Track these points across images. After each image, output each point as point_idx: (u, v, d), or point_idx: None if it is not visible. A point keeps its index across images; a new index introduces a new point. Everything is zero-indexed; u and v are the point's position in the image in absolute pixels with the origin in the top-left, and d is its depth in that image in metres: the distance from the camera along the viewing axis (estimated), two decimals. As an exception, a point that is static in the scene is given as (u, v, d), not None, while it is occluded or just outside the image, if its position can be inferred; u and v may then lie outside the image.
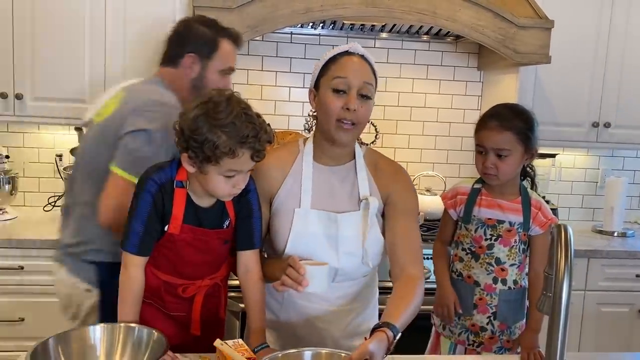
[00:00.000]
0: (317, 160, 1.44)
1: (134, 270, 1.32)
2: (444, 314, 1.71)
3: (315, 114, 1.43)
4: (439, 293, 1.74)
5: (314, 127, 1.47)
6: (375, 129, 2.26)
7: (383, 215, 1.46)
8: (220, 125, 1.20)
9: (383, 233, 1.44)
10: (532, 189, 1.74)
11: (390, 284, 1.41)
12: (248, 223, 1.40)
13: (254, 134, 1.22)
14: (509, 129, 1.60)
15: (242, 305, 2.17)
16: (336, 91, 1.34)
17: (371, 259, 1.42)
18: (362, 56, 1.39)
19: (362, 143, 1.56)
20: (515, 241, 1.66)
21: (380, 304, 1.60)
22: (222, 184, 1.26)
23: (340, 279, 1.43)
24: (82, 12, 2.36)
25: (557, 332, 0.95)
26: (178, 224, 1.32)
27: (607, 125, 2.66)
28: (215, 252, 1.40)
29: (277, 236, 1.43)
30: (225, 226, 1.39)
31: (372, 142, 1.50)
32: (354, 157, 1.47)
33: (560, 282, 0.95)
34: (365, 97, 1.36)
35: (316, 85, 1.42)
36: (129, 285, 1.32)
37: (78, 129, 2.59)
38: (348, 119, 1.34)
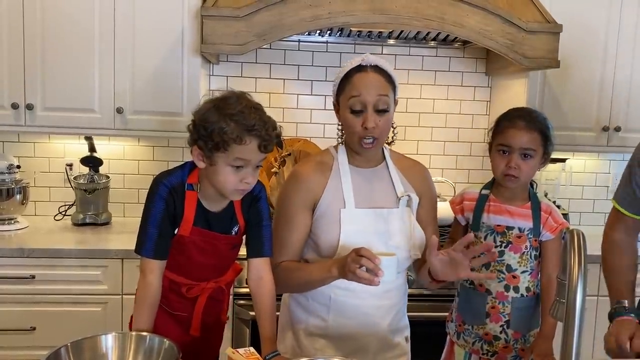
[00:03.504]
0: (352, 163, 1.50)
1: (151, 277, 1.33)
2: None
3: (339, 125, 1.51)
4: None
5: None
6: (394, 131, 2.26)
7: None
8: (229, 115, 1.24)
9: None
10: None
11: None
12: (258, 231, 1.41)
13: (261, 123, 1.26)
14: (536, 129, 1.60)
15: (252, 314, 2.18)
16: (353, 111, 1.40)
17: (417, 252, 1.50)
18: (376, 66, 1.42)
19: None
20: (526, 247, 1.65)
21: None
22: (231, 175, 1.28)
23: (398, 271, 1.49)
24: (92, 23, 2.38)
25: (571, 339, 0.94)
26: (189, 226, 1.34)
27: (617, 129, 2.64)
28: (222, 256, 1.42)
29: (325, 239, 1.45)
30: (234, 232, 1.39)
31: (391, 143, 1.54)
32: (384, 158, 1.55)
33: (574, 287, 0.94)
34: (382, 111, 1.41)
35: (337, 101, 1.48)
36: (146, 292, 1.33)
37: (88, 138, 2.61)
38: (369, 136, 1.40)
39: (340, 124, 1.49)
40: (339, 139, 1.52)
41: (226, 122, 1.23)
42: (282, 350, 1.51)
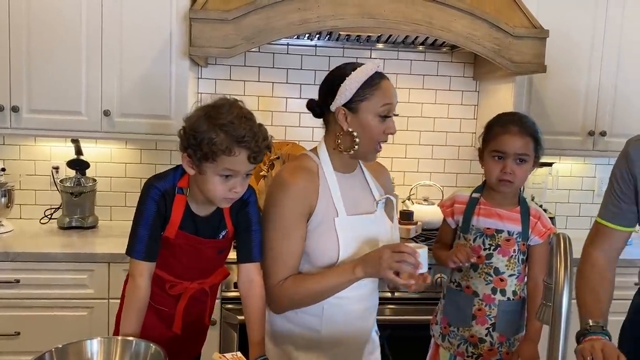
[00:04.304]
0: (335, 169, 1.48)
1: (140, 280, 1.33)
2: (462, 252, 1.62)
3: (352, 132, 1.41)
4: (447, 254, 1.68)
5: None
6: None
7: None
8: (219, 125, 1.24)
9: None
10: None
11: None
12: (247, 236, 1.40)
13: (251, 135, 1.25)
14: (529, 134, 1.62)
15: (240, 318, 2.17)
16: (383, 117, 1.41)
17: None
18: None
19: None
20: (514, 251, 1.66)
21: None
22: (219, 185, 1.28)
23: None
24: (79, 24, 2.37)
25: (557, 342, 0.95)
26: (174, 229, 1.34)
27: (602, 134, 2.67)
28: (207, 260, 1.42)
29: (322, 249, 1.41)
30: (220, 237, 1.39)
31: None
32: (358, 163, 1.55)
33: (560, 291, 0.94)
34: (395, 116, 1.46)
35: (349, 106, 1.41)
36: (135, 295, 1.33)
37: (74, 141, 2.59)
38: (384, 141, 1.44)
39: (351, 130, 1.41)
40: (342, 146, 1.44)
41: (215, 133, 1.23)
42: None
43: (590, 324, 1.37)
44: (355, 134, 1.41)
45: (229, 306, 2.25)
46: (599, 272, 1.49)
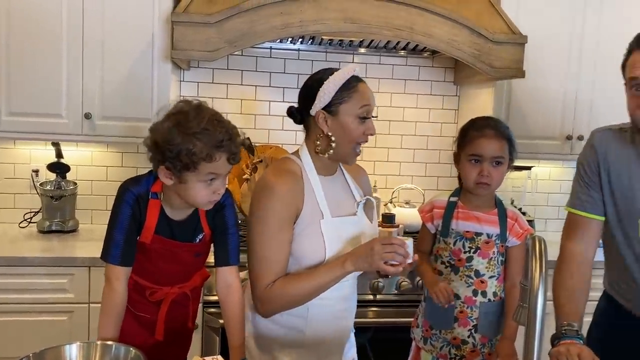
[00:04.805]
0: (318, 172, 1.50)
1: (117, 285, 1.32)
2: (443, 294, 1.64)
3: (330, 135, 1.44)
4: (431, 283, 1.70)
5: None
6: None
7: None
8: (193, 134, 1.23)
9: None
10: None
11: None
12: (224, 239, 1.41)
13: (228, 137, 1.26)
14: (505, 137, 1.66)
15: (222, 321, 2.16)
16: (362, 119, 1.44)
17: None
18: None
19: None
20: (493, 253, 1.69)
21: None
22: (203, 190, 1.28)
23: (356, 275, 1.52)
24: (59, 26, 2.35)
25: (532, 343, 0.97)
26: (149, 234, 1.33)
27: (580, 138, 2.72)
28: (185, 263, 1.41)
29: (309, 251, 1.43)
30: (197, 240, 1.39)
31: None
32: (339, 166, 1.58)
33: (535, 293, 0.96)
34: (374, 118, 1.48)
35: (329, 110, 1.43)
36: (112, 300, 1.32)
37: (55, 144, 2.56)
38: (365, 142, 1.47)
39: (330, 133, 1.44)
40: (321, 149, 1.46)
41: (192, 143, 1.22)
42: None
43: (566, 327, 1.38)
44: (333, 137, 1.44)
45: (211, 310, 2.25)
46: (577, 268, 1.50)
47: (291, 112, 1.51)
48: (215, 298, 2.23)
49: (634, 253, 1.48)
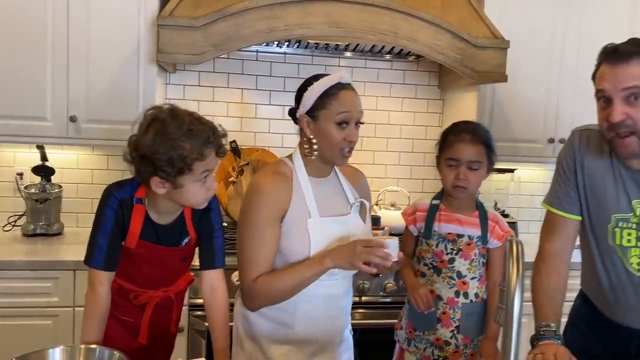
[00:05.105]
0: (309, 174, 1.53)
1: (100, 289, 1.32)
2: (423, 300, 1.67)
3: (312, 139, 1.49)
4: (412, 288, 1.72)
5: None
6: None
7: None
8: (178, 138, 1.24)
9: None
10: None
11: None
12: (209, 242, 1.42)
13: (212, 132, 1.29)
14: (481, 142, 1.68)
15: (207, 324, 2.17)
16: (340, 125, 1.45)
17: None
18: (350, 85, 1.50)
19: None
20: (475, 254, 1.71)
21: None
22: (198, 189, 1.30)
23: (347, 275, 1.55)
24: (44, 29, 2.34)
25: (509, 343, 0.99)
26: (134, 239, 1.34)
27: (562, 141, 2.76)
28: (171, 268, 1.42)
29: (295, 250, 1.46)
30: (183, 244, 1.40)
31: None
32: (333, 168, 1.61)
33: (512, 295, 0.99)
34: (359, 124, 1.50)
35: (311, 114, 1.48)
36: (95, 304, 1.32)
37: (39, 147, 2.55)
38: (349, 148, 1.48)
39: (312, 137, 1.48)
40: (307, 152, 1.51)
41: (180, 147, 1.23)
42: (242, 357, 1.54)
43: (544, 328, 1.40)
44: (314, 140, 1.48)
45: (197, 313, 2.25)
46: (555, 269, 1.52)
47: (290, 113, 1.56)
48: (201, 301, 2.23)
49: (602, 258, 1.50)
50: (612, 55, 1.34)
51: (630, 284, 1.46)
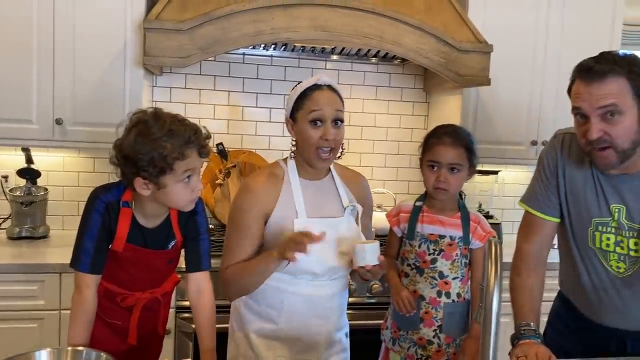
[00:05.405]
0: (301, 176, 1.57)
1: (87, 292, 1.33)
2: (404, 303, 1.72)
3: (294, 140, 1.57)
4: (394, 291, 1.77)
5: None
6: (342, 145, 2.33)
7: None
8: (159, 138, 1.26)
9: None
10: None
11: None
12: (196, 245, 1.43)
13: (193, 132, 1.30)
14: (462, 145, 1.72)
15: (194, 326, 2.18)
16: (313, 123, 1.48)
17: None
18: (329, 86, 1.53)
19: None
20: (456, 255, 1.74)
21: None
22: (182, 190, 1.31)
23: (335, 277, 1.57)
24: (30, 31, 2.33)
25: (488, 340, 1.01)
26: (121, 243, 1.34)
27: (544, 143, 2.80)
28: (158, 270, 1.43)
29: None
30: (170, 247, 1.41)
31: (339, 157, 1.62)
32: (330, 171, 1.64)
33: (490, 294, 1.01)
34: (338, 123, 1.51)
35: (292, 117, 1.54)
36: (81, 307, 1.33)
37: (25, 149, 2.54)
38: (326, 146, 1.50)
39: (294, 139, 1.56)
40: (292, 153, 1.59)
41: (162, 146, 1.25)
42: (233, 348, 1.60)
43: (524, 327, 1.43)
44: (297, 142, 1.54)
45: (184, 315, 2.26)
46: (534, 269, 1.55)
47: (286, 120, 1.60)
48: (187, 303, 2.24)
49: (582, 260, 1.53)
50: (587, 74, 1.36)
51: (611, 284, 1.49)
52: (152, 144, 1.25)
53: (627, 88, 1.33)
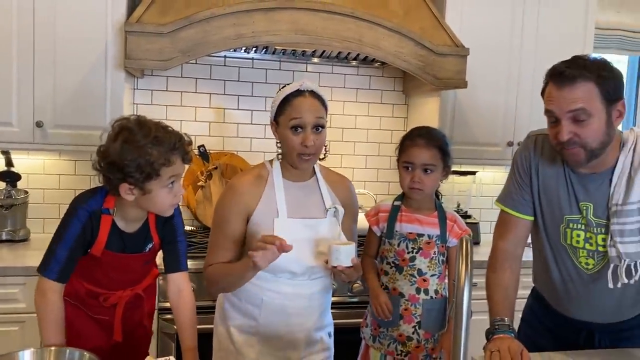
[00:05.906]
0: (285, 177, 1.62)
1: (52, 296, 1.33)
2: (382, 309, 1.76)
3: (278, 143, 1.62)
4: (373, 295, 1.80)
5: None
6: (325, 148, 2.37)
7: None
8: (145, 145, 1.29)
9: None
10: None
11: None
12: (173, 247, 1.46)
13: (178, 139, 1.34)
14: (435, 146, 1.77)
15: (176, 327, 2.19)
16: (294, 129, 1.53)
17: None
18: (312, 92, 1.57)
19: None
20: (434, 253, 1.79)
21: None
22: (166, 195, 1.34)
23: (315, 276, 1.61)
24: (10, 33, 2.33)
25: (459, 334, 1.05)
26: (100, 248, 1.36)
27: (520, 144, 2.87)
28: (135, 271, 1.46)
29: None
30: (147, 249, 1.43)
31: (323, 159, 1.66)
32: (314, 173, 1.69)
33: (461, 290, 1.05)
34: (318, 129, 1.55)
35: (275, 120, 1.59)
36: (49, 310, 1.33)
37: (5, 152, 2.53)
38: (307, 152, 1.55)
39: (278, 141, 1.61)
40: (279, 155, 1.63)
41: (148, 153, 1.28)
42: (216, 342, 1.64)
43: (498, 322, 1.49)
44: (280, 144, 1.59)
45: (167, 316, 2.27)
46: (509, 266, 1.60)
47: (271, 123, 1.64)
48: (169, 305, 2.26)
49: (554, 256, 1.59)
50: (559, 77, 1.42)
51: (579, 279, 1.56)
52: (138, 150, 1.27)
53: (595, 92, 1.39)
